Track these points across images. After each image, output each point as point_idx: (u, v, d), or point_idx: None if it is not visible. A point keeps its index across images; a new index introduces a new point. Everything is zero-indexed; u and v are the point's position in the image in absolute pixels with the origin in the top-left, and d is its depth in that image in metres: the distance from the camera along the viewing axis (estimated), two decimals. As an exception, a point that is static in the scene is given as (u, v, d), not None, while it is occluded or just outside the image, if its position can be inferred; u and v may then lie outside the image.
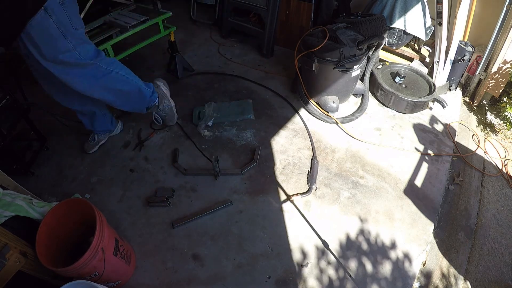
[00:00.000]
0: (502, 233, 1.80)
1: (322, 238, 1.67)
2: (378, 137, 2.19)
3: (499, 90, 2.43)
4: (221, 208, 1.78)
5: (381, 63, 2.57)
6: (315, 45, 2.07)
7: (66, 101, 1.81)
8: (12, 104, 1.83)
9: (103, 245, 1.26)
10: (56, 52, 1.44)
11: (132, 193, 1.88)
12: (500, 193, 1.99)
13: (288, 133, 2.21)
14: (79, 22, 1.53)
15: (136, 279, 1.53)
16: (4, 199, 1.34)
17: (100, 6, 2.44)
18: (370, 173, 1.97)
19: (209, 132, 2.20)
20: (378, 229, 1.71)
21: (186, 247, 1.64)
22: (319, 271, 1.55)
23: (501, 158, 2.19)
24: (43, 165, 2.05)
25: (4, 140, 1.75)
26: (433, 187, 1.91)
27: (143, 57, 2.93)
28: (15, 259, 1.15)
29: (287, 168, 1.99)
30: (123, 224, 1.74)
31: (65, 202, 1.38)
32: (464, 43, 2.41)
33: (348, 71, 2.11)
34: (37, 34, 1.38)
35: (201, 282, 1.52)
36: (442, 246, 1.72)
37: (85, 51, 1.53)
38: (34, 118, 2.04)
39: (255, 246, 1.64)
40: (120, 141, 2.18)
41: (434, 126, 2.29)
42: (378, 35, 2.22)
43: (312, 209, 1.79)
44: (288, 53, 2.98)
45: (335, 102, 2.23)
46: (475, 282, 1.61)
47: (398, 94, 2.27)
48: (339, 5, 2.81)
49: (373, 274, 1.55)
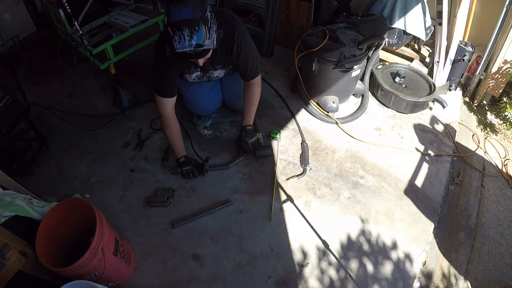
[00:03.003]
0: (502, 233, 1.80)
1: (322, 238, 1.67)
2: (378, 137, 2.19)
3: (499, 90, 2.43)
4: (221, 208, 1.78)
5: (381, 63, 2.57)
6: (315, 45, 2.07)
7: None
8: (12, 104, 1.83)
9: (103, 245, 1.26)
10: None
11: (132, 193, 1.88)
12: (500, 193, 1.99)
13: (288, 133, 2.21)
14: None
15: (136, 279, 1.53)
16: (4, 199, 1.34)
17: (100, 6, 2.45)
18: (370, 173, 1.97)
19: (209, 131, 2.20)
20: (378, 229, 1.71)
21: (186, 247, 1.64)
22: (320, 271, 1.55)
23: (501, 158, 2.18)
24: (43, 165, 2.05)
25: (4, 140, 1.75)
26: (433, 187, 1.91)
27: (145, 57, 2.93)
28: (15, 259, 1.15)
29: (287, 168, 1.99)
30: (123, 224, 1.74)
31: (65, 202, 1.38)
32: (464, 43, 2.41)
33: (348, 71, 2.11)
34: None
35: (201, 282, 1.52)
36: (442, 246, 1.72)
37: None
38: (34, 118, 2.04)
39: (255, 246, 1.64)
40: (120, 141, 2.18)
41: (434, 126, 2.29)
42: (378, 35, 2.22)
43: (312, 209, 1.79)
44: (288, 53, 2.97)
45: (335, 102, 2.23)
46: (475, 282, 1.61)
47: (398, 94, 2.27)
48: (339, 5, 2.80)
49: (374, 274, 1.55)
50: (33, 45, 3.21)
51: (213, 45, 1.43)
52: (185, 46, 1.36)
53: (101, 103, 2.49)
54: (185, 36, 1.34)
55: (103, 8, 2.48)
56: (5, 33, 3.01)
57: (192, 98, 2.08)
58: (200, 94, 2.06)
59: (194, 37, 1.35)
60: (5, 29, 3.05)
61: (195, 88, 2.04)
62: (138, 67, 2.79)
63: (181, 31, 1.33)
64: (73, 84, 2.66)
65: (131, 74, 2.69)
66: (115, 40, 2.18)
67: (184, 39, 1.34)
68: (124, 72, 2.57)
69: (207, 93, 2.07)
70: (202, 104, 2.11)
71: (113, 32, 2.46)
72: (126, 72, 2.67)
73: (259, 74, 1.87)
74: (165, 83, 1.74)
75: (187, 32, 1.33)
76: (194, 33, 1.34)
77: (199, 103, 2.10)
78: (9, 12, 3.09)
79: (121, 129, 2.26)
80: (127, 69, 2.72)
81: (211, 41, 1.42)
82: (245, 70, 1.81)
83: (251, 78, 1.85)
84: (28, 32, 3.35)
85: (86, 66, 2.75)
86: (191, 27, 1.33)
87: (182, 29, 1.33)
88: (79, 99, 2.54)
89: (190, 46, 1.36)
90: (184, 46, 1.36)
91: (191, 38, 1.35)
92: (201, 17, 1.35)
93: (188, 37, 1.34)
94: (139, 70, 2.74)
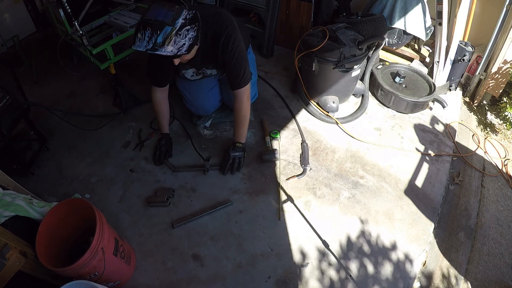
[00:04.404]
0: (502, 233, 1.80)
1: (322, 238, 1.67)
2: (378, 137, 2.19)
3: (499, 90, 2.43)
4: (221, 208, 1.78)
5: (381, 63, 2.57)
6: (315, 45, 2.07)
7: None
8: (12, 104, 1.83)
9: (103, 245, 1.26)
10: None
11: (132, 193, 1.87)
12: (500, 193, 1.99)
13: (288, 133, 2.21)
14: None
15: (136, 279, 1.53)
16: (4, 199, 1.34)
17: (100, 6, 2.44)
18: (370, 173, 1.97)
19: (209, 131, 2.20)
20: (378, 229, 1.71)
21: (186, 247, 1.64)
22: (320, 272, 1.55)
23: (501, 158, 2.18)
24: (43, 165, 2.05)
25: (4, 140, 1.75)
26: (433, 187, 1.91)
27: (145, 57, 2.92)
28: (15, 259, 1.15)
29: (287, 168, 1.99)
30: (123, 224, 1.73)
31: (65, 202, 1.38)
32: (464, 43, 2.41)
33: (348, 71, 2.11)
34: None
35: (201, 282, 1.52)
36: (442, 246, 1.72)
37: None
38: (34, 118, 2.04)
39: (255, 246, 1.64)
40: (120, 141, 2.18)
41: (434, 126, 2.29)
42: (378, 35, 2.22)
43: (312, 209, 1.79)
44: (288, 53, 2.97)
45: (335, 102, 2.23)
46: (475, 282, 1.61)
47: (398, 94, 2.27)
48: (339, 5, 2.80)
49: (374, 274, 1.55)
50: (33, 45, 3.20)
51: (175, 52, 1.40)
52: (141, 46, 1.36)
53: (101, 103, 2.48)
54: (145, 37, 1.34)
55: (103, 8, 2.47)
56: (5, 33, 3.01)
57: (191, 98, 2.08)
58: (199, 94, 2.06)
59: (153, 40, 1.34)
60: (5, 29, 3.04)
61: (194, 88, 2.04)
62: (138, 67, 2.79)
63: (144, 31, 1.34)
64: (73, 84, 2.66)
65: (131, 74, 2.69)
66: (115, 40, 2.18)
67: (143, 39, 1.35)
68: (124, 72, 2.57)
69: (206, 93, 2.07)
70: (201, 104, 2.11)
71: (113, 32, 2.46)
72: (126, 72, 2.67)
73: (246, 84, 1.78)
74: (156, 74, 1.81)
75: (148, 33, 1.33)
76: (154, 36, 1.33)
77: (199, 103, 2.11)
78: (9, 12, 3.09)
79: (121, 129, 2.26)
80: (127, 69, 2.73)
81: (175, 48, 1.39)
82: (231, 75, 1.76)
83: (235, 87, 1.77)
84: (28, 32, 3.35)
85: (86, 66, 2.75)
86: (153, 30, 1.33)
87: (146, 29, 1.34)
88: (79, 99, 2.54)
89: (145, 48, 1.36)
90: (141, 45, 1.36)
91: (150, 40, 1.34)
92: (171, 23, 1.34)
93: (148, 38, 1.34)
94: (139, 70, 2.74)
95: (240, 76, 1.73)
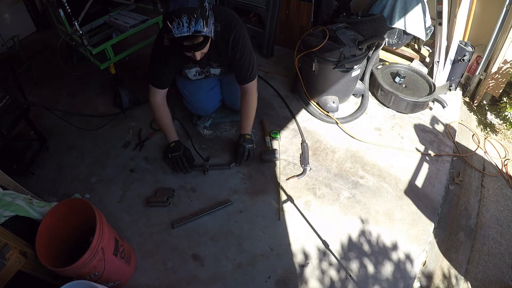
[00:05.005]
0: (502, 233, 1.80)
1: (322, 238, 1.66)
2: (378, 137, 2.19)
3: (499, 90, 2.43)
4: (221, 208, 1.78)
5: (381, 63, 2.57)
6: (315, 45, 2.07)
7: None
8: (12, 104, 1.83)
9: (103, 245, 1.26)
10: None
11: (132, 193, 1.87)
12: (500, 193, 1.99)
13: (288, 133, 2.21)
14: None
15: (136, 279, 1.53)
16: (4, 199, 1.34)
17: (100, 6, 2.44)
18: (370, 173, 1.97)
19: (209, 131, 2.20)
20: (378, 229, 1.71)
21: (186, 247, 1.64)
22: (320, 272, 1.55)
23: (501, 158, 2.18)
24: (43, 165, 2.05)
25: (4, 140, 1.75)
26: (433, 187, 1.91)
27: (145, 58, 2.93)
28: (15, 259, 1.15)
29: (287, 168, 1.99)
30: (123, 224, 1.73)
31: (65, 202, 1.38)
32: (464, 43, 2.41)
33: (348, 71, 2.11)
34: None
35: (201, 282, 1.52)
36: (442, 246, 1.72)
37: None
38: (34, 118, 2.04)
39: (255, 246, 1.64)
40: (120, 141, 2.18)
41: (434, 126, 2.29)
42: (378, 35, 2.22)
43: (312, 209, 1.78)
44: (288, 53, 2.97)
45: (335, 102, 2.23)
46: (475, 282, 1.61)
47: (398, 94, 2.27)
48: (339, 5, 2.81)
49: (374, 274, 1.55)
50: (33, 45, 3.21)
51: (211, 34, 1.46)
52: (183, 32, 1.37)
53: (101, 103, 2.48)
54: (183, 23, 1.36)
55: (103, 8, 2.47)
56: (5, 33, 3.01)
57: (191, 98, 2.08)
58: (199, 94, 2.06)
59: (193, 23, 1.37)
60: (5, 29, 3.05)
61: (194, 88, 2.04)
62: (138, 67, 2.79)
63: (180, 18, 1.35)
64: (73, 84, 2.66)
65: (131, 74, 2.69)
66: (115, 40, 2.18)
67: (182, 25, 1.36)
68: (124, 72, 2.57)
69: (207, 93, 2.07)
70: (201, 104, 2.11)
71: (113, 32, 2.46)
72: (126, 72, 2.67)
73: (254, 78, 1.84)
74: (159, 75, 1.78)
75: (185, 18, 1.35)
76: (193, 20, 1.36)
77: (199, 103, 2.11)
78: (9, 12, 3.09)
79: (121, 129, 2.26)
80: (127, 69, 2.73)
81: (209, 30, 1.44)
82: (240, 70, 1.80)
83: (245, 81, 1.83)
84: (28, 32, 3.35)
85: (86, 66, 2.75)
86: (189, 14, 1.36)
87: (181, 16, 1.35)
88: (79, 99, 2.54)
89: (189, 32, 1.37)
90: (183, 31, 1.37)
91: (189, 25, 1.36)
92: (200, 6, 1.38)
93: (187, 23, 1.36)
94: (139, 70, 2.74)
95: (250, 71, 1.80)
